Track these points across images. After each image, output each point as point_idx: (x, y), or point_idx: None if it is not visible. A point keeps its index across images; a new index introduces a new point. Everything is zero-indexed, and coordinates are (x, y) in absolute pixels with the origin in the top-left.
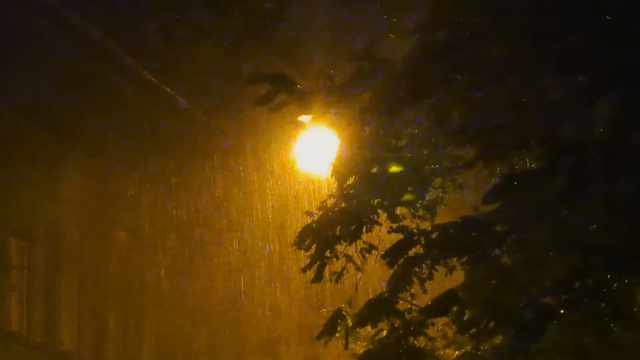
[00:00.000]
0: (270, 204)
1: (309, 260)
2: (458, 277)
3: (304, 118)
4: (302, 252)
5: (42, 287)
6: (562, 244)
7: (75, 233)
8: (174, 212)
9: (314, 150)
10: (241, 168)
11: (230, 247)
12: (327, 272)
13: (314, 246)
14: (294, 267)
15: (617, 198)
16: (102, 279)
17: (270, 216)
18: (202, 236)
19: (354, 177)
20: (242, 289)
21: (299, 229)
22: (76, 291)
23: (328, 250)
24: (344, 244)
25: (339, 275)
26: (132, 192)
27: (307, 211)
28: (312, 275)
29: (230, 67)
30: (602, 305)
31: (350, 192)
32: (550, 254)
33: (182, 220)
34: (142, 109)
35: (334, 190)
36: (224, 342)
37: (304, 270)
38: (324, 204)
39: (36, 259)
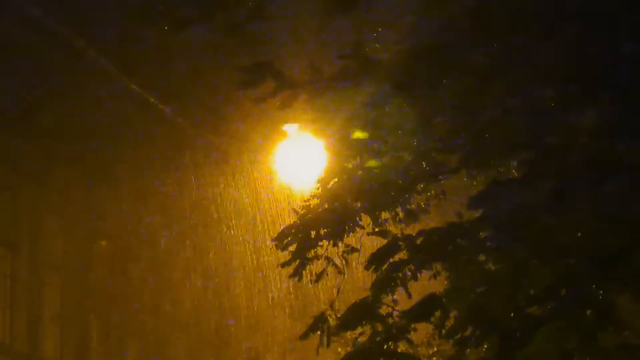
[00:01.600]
0: (253, 214)
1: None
2: (443, 282)
3: (288, 127)
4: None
5: (25, 296)
6: (547, 251)
7: (59, 242)
8: (156, 221)
9: (298, 159)
10: (224, 177)
11: (214, 259)
12: (308, 275)
13: (294, 245)
14: (276, 277)
15: (601, 203)
16: (85, 288)
17: (252, 225)
18: (185, 246)
19: (337, 178)
20: (225, 300)
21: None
22: (60, 300)
23: (311, 251)
24: (326, 244)
25: (319, 277)
26: (115, 202)
27: (293, 208)
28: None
29: (211, 69)
30: (588, 312)
31: (333, 193)
32: (535, 260)
33: (165, 231)
34: (126, 118)
35: (318, 191)
36: (208, 352)
37: (282, 265)
38: (307, 204)
39: (19, 268)
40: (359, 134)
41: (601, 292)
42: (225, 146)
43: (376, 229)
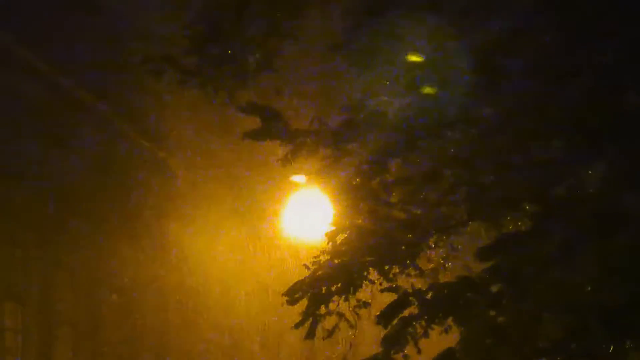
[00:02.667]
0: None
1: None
2: (454, 337)
3: (295, 179)
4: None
5: (36, 351)
6: (557, 305)
7: (69, 296)
8: (163, 273)
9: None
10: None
11: (224, 313)
12: (319, 330)
13: (304, 300)
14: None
15: (610, 258)
16: (96, 342)
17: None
18: (194, 300)
19: (346, 233)
20: (235, 354)
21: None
22: (71, 356)
23: (322, 306)
24: (337, 300)
25: (330, 333)
26: (122, 254)
27: (305, 264)
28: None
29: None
30: None
31: (342, 248)
32: (545, 314)
33: (172, 282)
34: (129, 168)
35: (328, 246)
36: None
37: (296, 326)
38: (317, 260)
39: (30, 323)
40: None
41: (611, 347)
42: (233, 199)
43: (386, 285)
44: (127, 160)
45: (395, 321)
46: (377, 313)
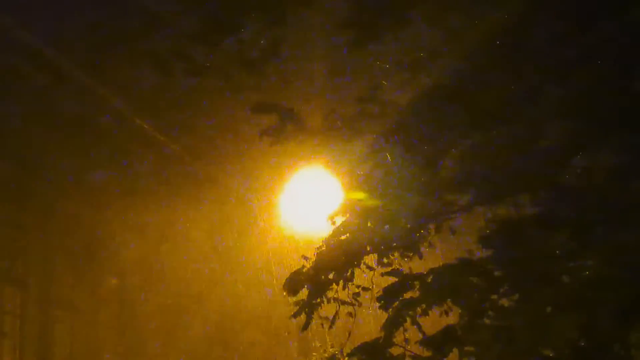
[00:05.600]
0: (264, 255)
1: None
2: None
3: (300, 168)
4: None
5: (34, 334)
6: (568, 303)
7: (68, 280)
8: (163, 259)
9: (309, 199)
10: (236, 218)
11: (222, 299)
12: (318, 319)
13: (304, 291)
14: (285, 314)
15: (619, 250)
16: (94, 325)
17: (260, 264)
18: (194, 285)
19: (347, 215)
20: (234, 338)
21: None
22: (69, 338)
23: (321, 296)
24: (336, 288)
25: (332, 321)
26: (122, 240)
27: (304, 255)
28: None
29: (224, 107)
30: None
31: (343, 230)
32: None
33: (172, 267)
34: (134, 155)
35: (328, 235)
36: None
37: (294, 316)
38: (319, 250)
39: (29, 306)
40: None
41: (621, 343)
42: (238, 187)
43: (386, 270)
44: (128, 145)
45: (396, 304)
46: (376, 302)
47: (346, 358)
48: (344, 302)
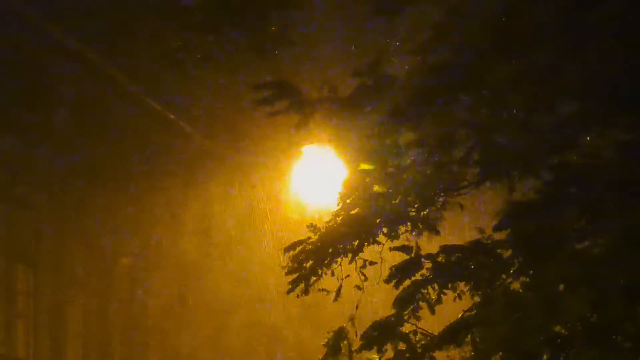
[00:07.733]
0: (271, 232)
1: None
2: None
3: (305, 145)
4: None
5: (48, 314)
6: (579, 280)
7: (81, 259)
8: (176, 239)
9: (315, 177)
10: (240, 195)
11: (231, 276)
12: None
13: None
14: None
15: (632, 228)
16: (108, 306)
17: (268, 243)
18: (204, 263)
19: (356, 194)
20: (243, 316)
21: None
22: (82, 318)
23: (323, 269)
24: (340, 261)
25: (337, 294)
26: (136, 219)
27: (311, 223)
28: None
29: (230, 87)
30: (621, 339)
31: (352, 208)
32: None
33: (185, 248)
34: (143, 135)
35: (338, 208)
36: None
37: (290, 290)
38: (328, 224)
39: (42, 286)
40: (365, 166)
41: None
42: (243, 164)
43: (395, 245)
44: (139, 123)
45: (407, 282)
46: (384, 277)
47: (356, 327)
48: (347, 275)
